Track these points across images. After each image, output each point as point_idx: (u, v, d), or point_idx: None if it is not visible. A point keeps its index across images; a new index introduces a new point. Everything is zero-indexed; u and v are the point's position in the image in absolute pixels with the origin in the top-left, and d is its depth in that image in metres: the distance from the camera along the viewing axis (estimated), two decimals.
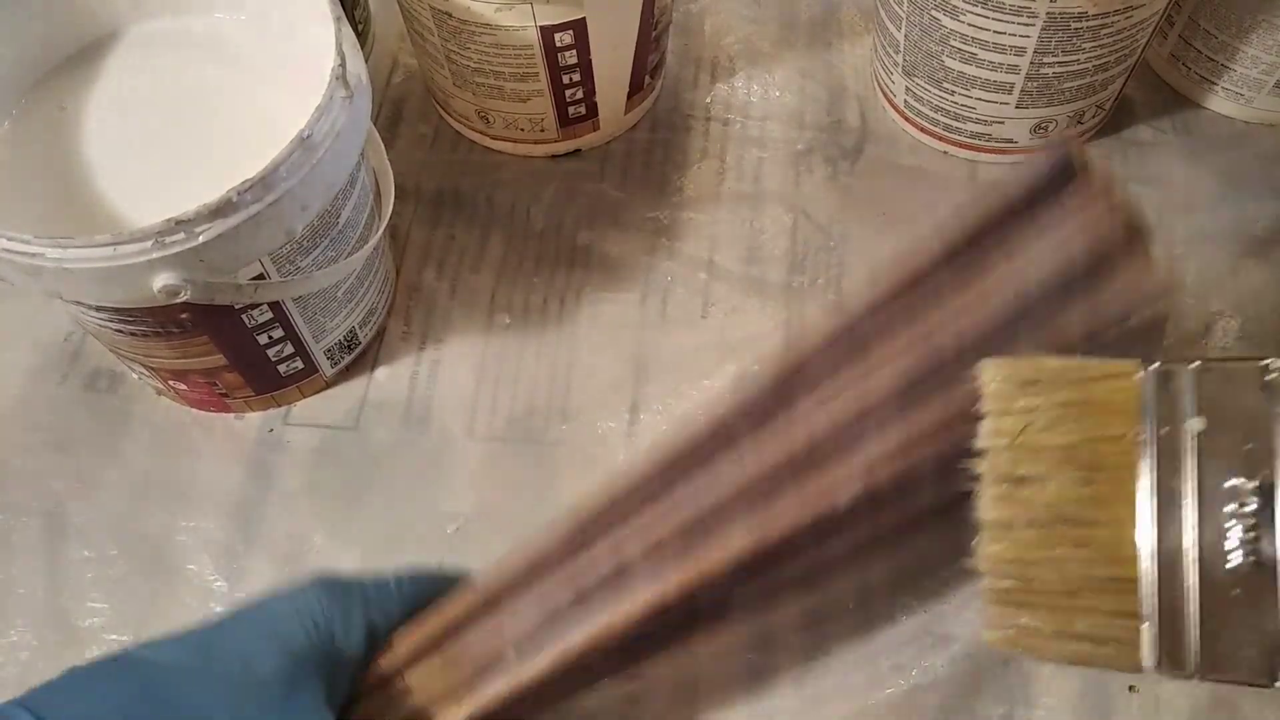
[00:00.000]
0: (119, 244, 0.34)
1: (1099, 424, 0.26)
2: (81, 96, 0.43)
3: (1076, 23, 0.44)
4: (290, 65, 0.42)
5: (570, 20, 0.46)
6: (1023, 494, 0.26)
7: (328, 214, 0.40)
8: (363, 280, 0.45)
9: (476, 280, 0.50)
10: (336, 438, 0.46)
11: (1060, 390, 0.27)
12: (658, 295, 0.49)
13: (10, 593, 0.43)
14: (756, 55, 0.57)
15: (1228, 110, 0.54)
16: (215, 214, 0.35)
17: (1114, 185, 0.31)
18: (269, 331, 0.42)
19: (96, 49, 0.44)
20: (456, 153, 0.55)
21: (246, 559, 0.43)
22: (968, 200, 0.32)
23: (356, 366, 0.48)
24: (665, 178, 0.53)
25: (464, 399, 0.47)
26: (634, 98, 0.53)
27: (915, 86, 0.51)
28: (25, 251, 0.34)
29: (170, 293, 0.35)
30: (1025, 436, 0.27)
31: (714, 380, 0.47)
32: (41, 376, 0.48)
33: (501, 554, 0.34)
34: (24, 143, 0.41)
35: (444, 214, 0.52)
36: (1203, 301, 0.48)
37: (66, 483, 0.45)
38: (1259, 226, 0.50)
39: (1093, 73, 0.48)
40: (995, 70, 0.47)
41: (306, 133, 0.36)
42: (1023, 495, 0.26)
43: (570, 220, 0.52)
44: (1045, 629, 0.26)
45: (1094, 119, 0.52)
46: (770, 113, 0.55)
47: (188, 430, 0.46)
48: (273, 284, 0.39)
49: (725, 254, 0.50)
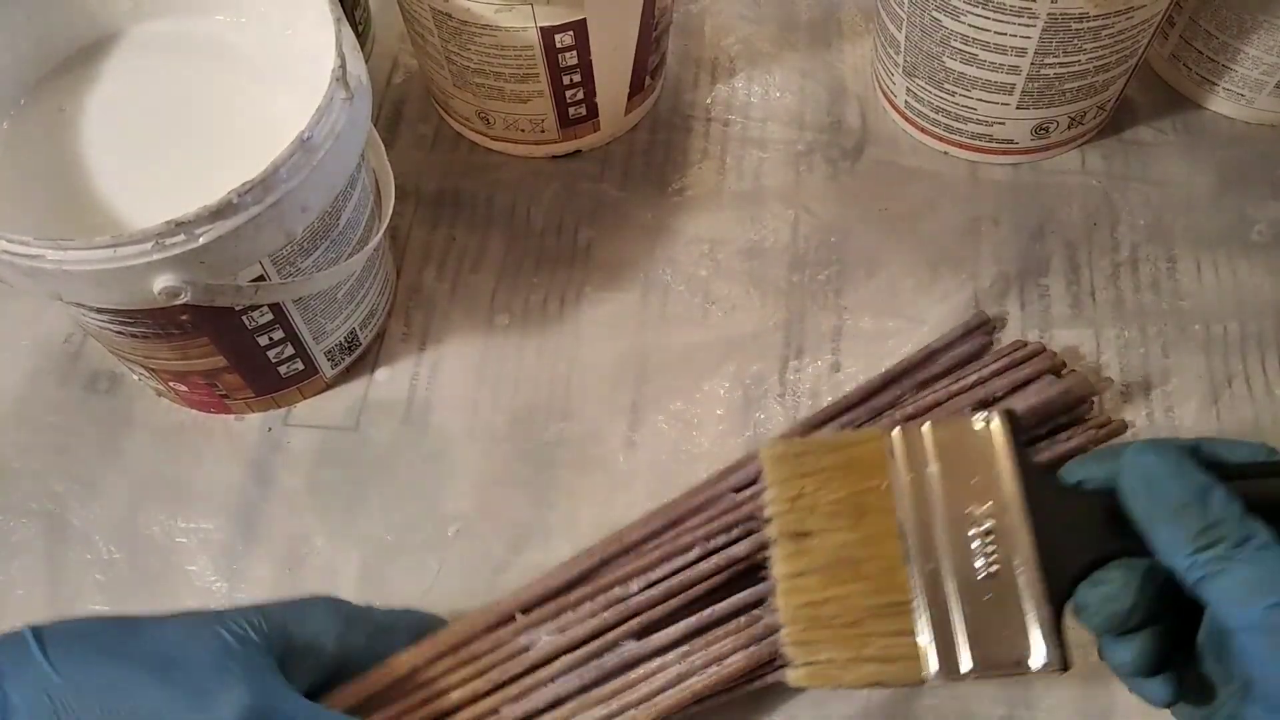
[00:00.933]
0: (119, 246, 0.34)
1: (860, 479, 0.32)
2: (81, 98, 0.42)
3: (1077, 23, 0.44)
4: (290, 66, 0.42)
5: (570, 21, 0.46)
6: (807, 546, 0.31)
7: (328, 215, 0.40)
8: (363, 281, 0.45)
9: (477, 281, 0.50)
10: (337, 439, 0.46)
11: (826, 457, 0.32)
12: (658, 295, 0.49)
13: (10, 593, 0.43)
14: (757, 56, 0.57)
15: (1228, 111, 0.54)
16: (215, 215, 0.34)
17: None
18: (269, 333, 0.42)
19: (96, 51, 0.44)
20: (457, 153, 0.55)
21: (246, 560, 0.43)
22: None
23: (357, 367, 0.48)
24: (665, 178, 0.53)
25: (464, 399, 0.47)
26: (634, 98, 0.53)
27: (916, 87, 0.51)
28: (25, 253, 0.34)
29: (170, 294, 0.35)
30: (803, 499, 0.32)
31: (714, 380, 0.47)
32: (42, 378, 0.48)
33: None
34: (23, 144, 0.41)
35: (444, 215, 0.52)
36: (1203, 303, 0.48)
37: (67, 484, 0.45)
38: (1259, 227, 0.50)
39: (1093, 73, 0.47)
40: (996, 71, 0.47)
41: (307, 134, 0.36)
42: (807, 547, 0.31)
43: (570, 220, 0.52)
44: (840, 658, 0.30)
45: (1095, 119, 0.52)
46: (770, 113, 0.55)
47: (188, 431, 0.46)
48: (273, 285, 0.39)
49: (725, 254, 0.50)
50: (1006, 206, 0.52)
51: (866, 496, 0.31)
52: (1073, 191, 0.52)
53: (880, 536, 0.31)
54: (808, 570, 0.31)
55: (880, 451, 0.32)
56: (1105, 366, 0.46)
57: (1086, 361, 0.47)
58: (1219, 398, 0.46)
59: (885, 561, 0.30)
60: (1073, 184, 0.52)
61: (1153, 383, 0.46)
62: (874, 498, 0.31)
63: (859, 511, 0.31)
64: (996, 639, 0.29)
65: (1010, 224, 0.51)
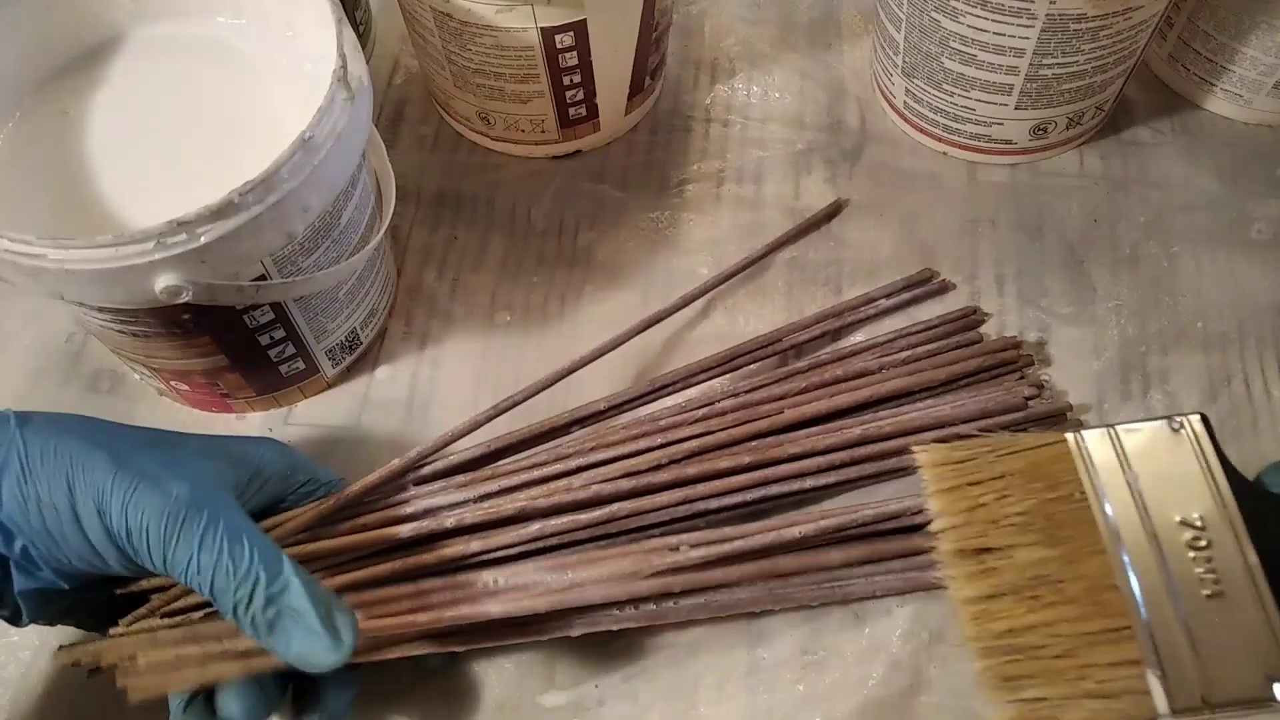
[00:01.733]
0: (121, 245, 0.34)
1: (1046, 488, 0.28)
2: (84, 99, 0.43)
3: (1076, 24, 0.44)
4: (292, 67, 0.42)
5: (571, 22, 0.46)
6: (992, 565, 0.28)
7: (329, 215, 0.40)
8: (364, 281, 0.45)
9: (477, 280, 0.50)
10: (338, 438, 0.46)
11: (998, 464, 0.29)
12: (658, 295, 0.50)
13: None
14: (756, 57, 0.58)
15: (1227, 111, 0.54)
16: (217, 215, 0.35)
17: None
18: (270, 332, 0.42)
19: (99, 52, 0.44)
20: (457, 154, 0.55)
21: None
22: None
23: (358, 367, 0.48)
24: (665, 178, 0.53)
25: (464, 399, 0.47)
26: (634, 99, 0.53)
27: (914, 88, 0.52)
28: (27, 253, 0.34)
29: (172, 294, 0.36)
30: (980, 510, 0.28)
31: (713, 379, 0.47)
32: (43, 377, 0.48)
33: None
34: (27, 145, 0.42)
35: (445, 215, 0.53)
36: (1202, 302, 0.48)
37: None
38: (1257, 226, 0.51)
39: (1092, 74, 0.48)
40: (994, 71, 0.48)
41: (308, 134, 0.36)
42: (993, 566, 0.28)
43: (571, 221, 0.52)
44: (1054, 696, 0.26)
45: (1093, 120, 0.52)
46: (770, 114, 0.55)
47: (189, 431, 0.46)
48: (274, 285, 0.39)
49: (725, 254, 0.51)
50: (1005, 207, 0.52)
51: (1058, 506, 0.28)
52: (1071, 192, 0.52)
53: (1083, 554, 0.27)
54: (998, 593, 0.28)
55: (1066, 457, 0.29)
56: (1106, 366, 0.47)
57: (1086, 363, 0.47)
58: (1218, 397, 0.46)
59: (1092, 580, 0.27)
60: (1071, 184, 0.52)
61: (1152, 382, 0.46)
62: (1067, 508, 0.28)
63: (1053, 524, 0.28)
64: (1235, 665, 0.25)
65: (1009, 224, 0.51)
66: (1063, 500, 0.28)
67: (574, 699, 0.40)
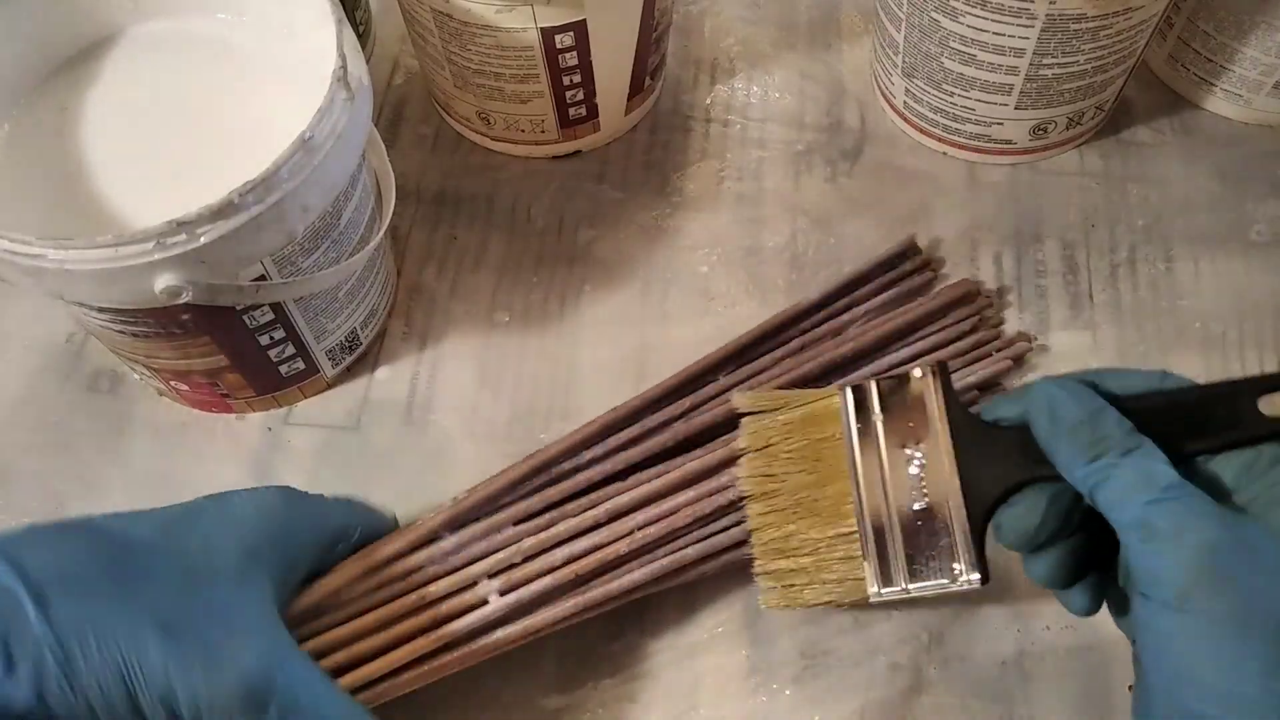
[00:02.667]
0: (120, 245, 0.34)
1: (816, 430, 0.36)
2: (82, 98, 0.43)
3: (1075, 24, 0.44)
4: (291, 67, 0.42)
5: (571, 22, 0.46)
6: (772, 488, 0.36)
7: (329, 215, 0.40)
8: (364, 281, 0.45)
9: (477, 280, 0.50)
10: (337, 438, 0.46)
11: (791, 411, 0.37)
12: (658, 294, 0.50)
13: None
14: (756, 57, 0.58)
15: (1226, 111, 0.54)
16: (217, 215, 0.35)
17: None
18: (270, 332, 0.42)
19: (97, 50, 0.44)
20: (457, 154, 0.55)
21: None
22: None
23: (358, 367, 0.48)
24: (665, 178, 0.53)
25: (464, 399, 0.47)
26: (634, 99, 0.53)
27: (914, 88, 0.52)
28: (27, 252, 0.34)
29: (172, 294, 0.36)
30: (770, 448, 0.36)
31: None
32: (43, 377, 0.48)
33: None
34: (25, 144, 0.41)
35: (445, 215, 0.53)
36: (1201, 302, 0.48)
37: (68, 483, 0.45)
38: (1257, 227, 0.51)
39: (1092, 74, 0.48)
40: (994, 71, 0.48)
41: (308, 134, 0.36)
42: (773, 489, 0.36)
43: (571, 220, 0.52)
44: (801, 583, 0.35)
45: (1093, 120, 0.52)
46: (770, 114, 0.55)
47: (189, 431, 0.47)
48: (274, 285, 0.39)
49: (725, 253, 0.51)
50: (1005, 207, 0.52)
51: (822, 444, 0.36)
52: (1071, 192, 0.52)
53: (833, 479, 0.35)
54: (773, 509, 0.36)
55: (835, 406, 0.36)
56: (1105, 367, 0.47)
57: (1085, 363, 0.47)
58: None
59: (836, 499, 0.35)
60: (1071, 184, 0.52)
61: None
62: (828, 445, 0.36)
63: (816, 457, 0.36)
64: (927, 562, 0.33)
65: (1008, 224, 0.51)
66: (827, 440, 0.36)
67: (574, 699, 0.40)
